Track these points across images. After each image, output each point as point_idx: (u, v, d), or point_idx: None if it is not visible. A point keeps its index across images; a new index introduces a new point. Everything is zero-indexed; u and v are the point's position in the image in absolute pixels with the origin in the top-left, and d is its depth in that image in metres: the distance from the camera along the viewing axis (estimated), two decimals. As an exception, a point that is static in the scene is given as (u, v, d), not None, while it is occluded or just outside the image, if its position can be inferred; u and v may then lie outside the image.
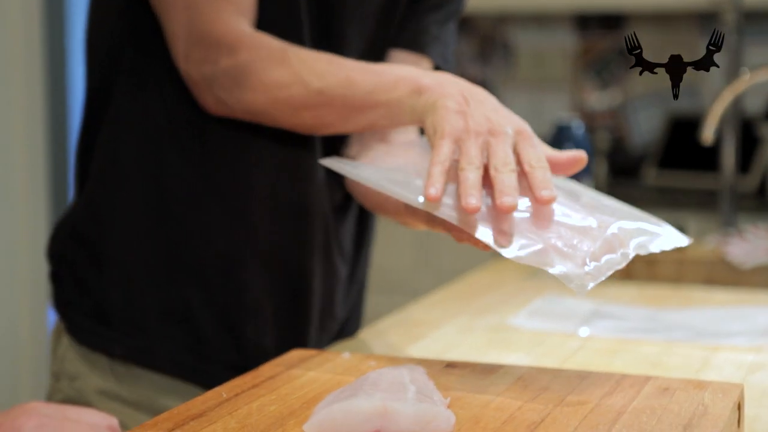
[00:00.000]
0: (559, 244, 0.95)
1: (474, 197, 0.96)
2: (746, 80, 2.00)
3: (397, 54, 1.29)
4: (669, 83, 0.98)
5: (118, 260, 1.22)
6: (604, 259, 0.96)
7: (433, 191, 0.97)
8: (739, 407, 0.94)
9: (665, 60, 0.98)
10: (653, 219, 1.06)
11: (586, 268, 0.94)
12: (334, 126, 1.13)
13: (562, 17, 3.70)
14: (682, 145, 3.39)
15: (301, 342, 1.24)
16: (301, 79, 1.10)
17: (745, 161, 3.04)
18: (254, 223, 1.21)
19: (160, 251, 1.21)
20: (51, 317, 1.34)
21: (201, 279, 1.21)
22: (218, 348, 1.22)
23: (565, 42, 3.72)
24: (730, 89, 2.02)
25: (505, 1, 3.54)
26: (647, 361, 1.18)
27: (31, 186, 3.03)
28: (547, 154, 1.03)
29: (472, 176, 0.97)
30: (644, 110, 3.63)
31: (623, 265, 0.97)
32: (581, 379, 0.98)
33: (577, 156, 1.05)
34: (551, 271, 0.94)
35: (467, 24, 3.79)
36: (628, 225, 1.01)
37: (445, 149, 1.00)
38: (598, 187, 3.33)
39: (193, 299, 1.21)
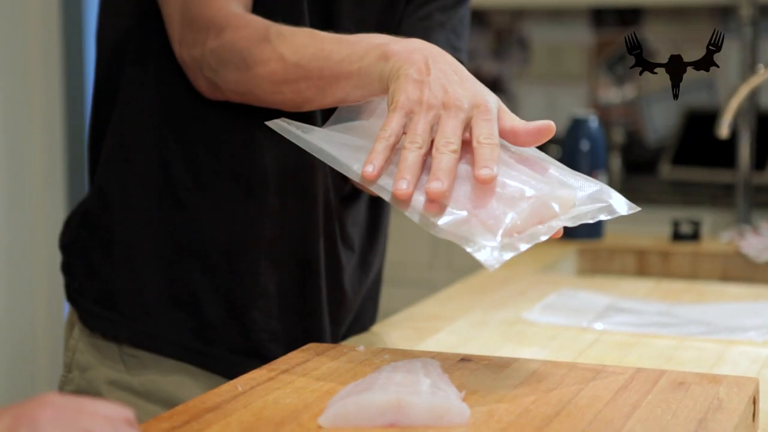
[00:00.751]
0: (483, 215, 0.92)
1: (405, 181, 0.92)
2: (762, 75, 2.00)
3: None
4: (685, 78, 0.98)
5: (125, 245, 1.23)
6: (528, 231, 0.92)
7: (370, 169, 0.94)
8: (754, 401, 0.94)
9: (682, 54, 0.98)
10: (605, 188, 1.00)
11: (503, 240, 0.91)
12: (314, 100, 1.11)
13: (578, 12, 3.69)
14: (698, 139, 3.38)
15: (310, 327, 1.25)
16: (280, 54, 1.10)
17: (760, 156, 3.03)
18: (259, 209, 1.22)
19: (166, 236, 1.22)
20: (66, 310, 1.36)
21: (206, 264, 1.22)
22: (225, 332, 1.23)
23: (580, 37, 3.71)
24: (746, 84, 2.02)
25: (520, -4, 3.53)
26: (662, 356, 1.18)
27: (48, 179, 3.05)
28: (512, 125, 0.98)
29: (411, 156, 0.94)
30: (659, 105, 3.62)
31: (548, 236, 0.93)
32: (596, 373, 0.98)
33: (543, 125, 0.99)
34: (465, 247, 0.90)
35: (483, 19, 3.78)
36: (567, 194, 0.95)
37: (393, 123, 0.97)
38: (613, 182, 3.34)
39: (199, 284, 1.22)
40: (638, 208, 0.98)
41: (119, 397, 1.22)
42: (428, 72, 0.99)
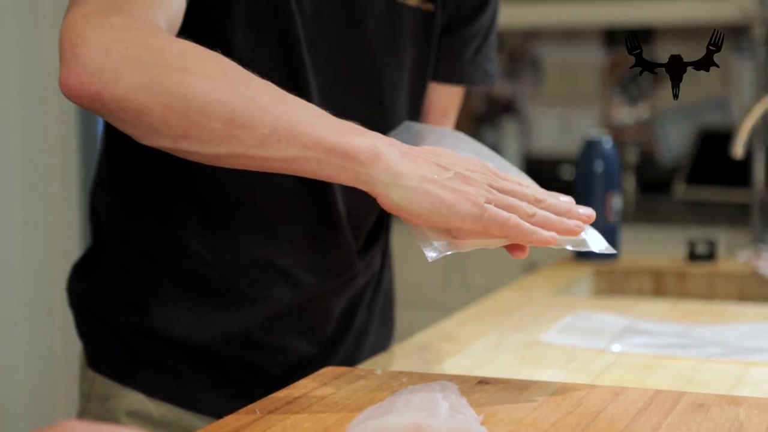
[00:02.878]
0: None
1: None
2: (777, 94, 1.99)
3: (435, 86, 1.32)
4: (698, 97, 0.98)
5: (137, 294, 1.24)
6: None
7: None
8: (775, 423, 0.93)
9: (695, 77, 0.99)
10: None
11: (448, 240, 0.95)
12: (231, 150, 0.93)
13: (590, 32, 3.69)
14: (712, 159, 3.38)
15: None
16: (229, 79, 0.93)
17: (776, 175, 3.02)
18: (273, 272, 1.22)
19: (179, 285, 1.22)
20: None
21: (218, 314, 1.22)
22: (242, 384, 1.24)
23: (593, 57, 3.72)
24: (760, 103, 2.01)
25: (533, 17, 3.54)
26: (681, 377, 1.17)
27: (64, 202, 3.06)
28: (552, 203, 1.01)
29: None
30: (673, 124, 3.62)
31: (488, 246, 0.97)
32: (615, 395, 0.97)
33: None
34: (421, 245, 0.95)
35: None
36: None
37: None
38: (628, 202, 3.33)
39: (213, 335, 1.23)
40: (614, 251, 1.02)
41: (139, 428, 1.22)
42: (441, 167, 0.95)
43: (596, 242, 1.01)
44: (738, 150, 2.01)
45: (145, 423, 1.22)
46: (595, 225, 1.03)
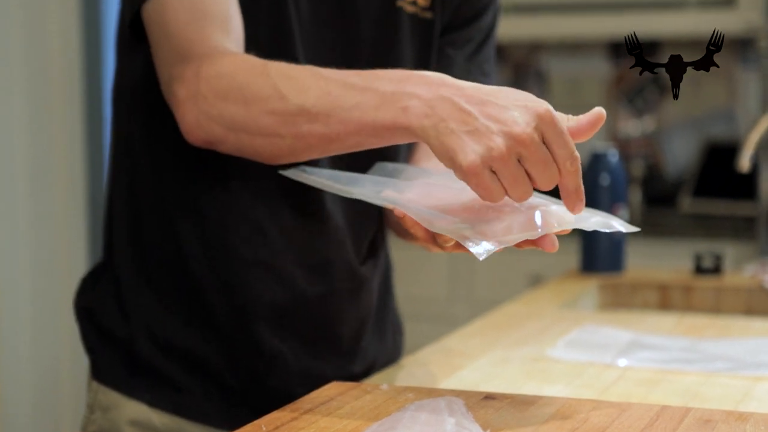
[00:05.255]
0: (479, 224, 0.96)
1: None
2: (783, 107, 1.99)
3: None
4: (704, 110, 0.98)
5: (140, 312, 1.24)
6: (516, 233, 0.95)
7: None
8: (782, 440, 0.93)
9: (700, 89, 0.99)
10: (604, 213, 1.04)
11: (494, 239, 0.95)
12: (315, 148, 1.04)
13: (595, 45, 3.70)
14: (718, 172, 3.38)
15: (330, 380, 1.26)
16: (281, 92, 1.02)
17: (782, 188, 3.02)
18: (272, 274, 1.22)
19: (181, 304, 1.23)
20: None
21: (218, 332, 1.23)
22: (245, 397, 1.24)
23: (598, 69, 3.72)
24: (766, 116, 2.01)
25: (538, 30, 3.54)
26: (687, 393, 1.17)
27: (71, 213, 3.06)
28: (568, 128, 0.94)
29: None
30: (679, 137, 3.62)
31: (533, 236, 0.96)
32: (621, 410, 0.97)
33: (594, 117, 0.94)
34: (464, 243, 0.94)
35: (501, 53, 3.79)
36: (562, 209, 0.98)
37: (490, 185, 0.92)
38: (634, 215, 3.33)
39: (215, 347, 1.23)
40: (637, 229, 0.99)
41: None
42: (469, 115, 0.92)
43: (619, 223, 1.00)
44: (744, 163, 2.00)
45: None
46: (601, 240, 1.03)
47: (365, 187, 1.04)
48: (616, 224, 1.00)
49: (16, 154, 2.91)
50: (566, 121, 0.94)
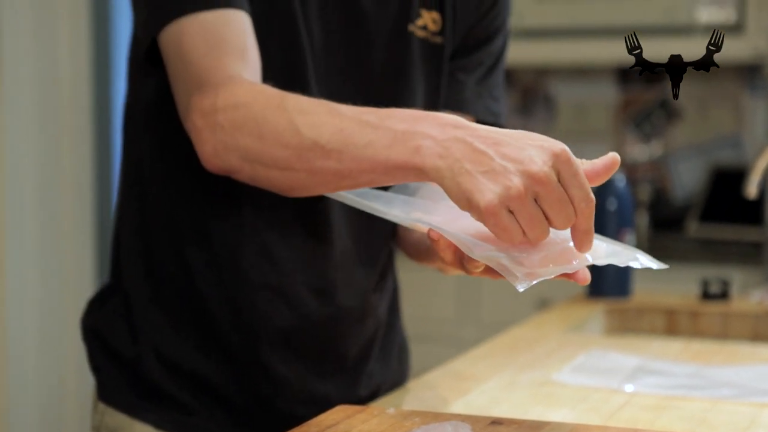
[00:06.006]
0: (517, 255, 0.94)
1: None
2: (790, 134, 2.00)
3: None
4: (711, 135, 0.98)
5: (148, 334, 1.25)
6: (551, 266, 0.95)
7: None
8: (789, 467, 0.93)
9: (708, 115, 0.99)
10: (632, 248, 1.04)
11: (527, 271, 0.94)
12: (328, 184, 1.04)
13: (603, 70, 3.71)
14: (725, 197, 3.38)
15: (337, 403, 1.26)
16: (296, 127, 1.02)
17: (789, 214, 3.02)
18: (280, 298, 1.23)
19: (189, 325, 1.23)
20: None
21: (226, 354, 1.23)
22: (251, 418, 1.24)
23: (606, 94, 3.73)
24: (773, 143, 2.02)
25: (546, 54, 3.55)
26: (694, 419, 1.17)
27: (79, 231, 3.07)
28: (585, 169, 0.94)
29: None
30: (686, 162, 3.62)
31: (574, 269, 0.96)
32: (628, 437, 0.97)
33: (609, 162, 0.95)
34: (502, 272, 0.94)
35: (509, 77, 3.81)
36: (596, 243, 0.97)
37: (508, 226, 0.91)
38: (640, 240, 3.34)
39: (222, 370, 1.23)
40: (666, 266, 0.99)
41: None
42: (484, 155, 0.92)
43: (648, 260, 1.02)
44: (751, 190, 2.01)
45: None
46: (608, 264, 1.03)
47: (397, 208, 1.03)
48: (647, 261, 1.01)
49: (25, 170, 2.92)
50: (581, 163, 0.94)
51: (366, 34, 1.22)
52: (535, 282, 0.93)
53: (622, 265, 0.99)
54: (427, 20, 1.26)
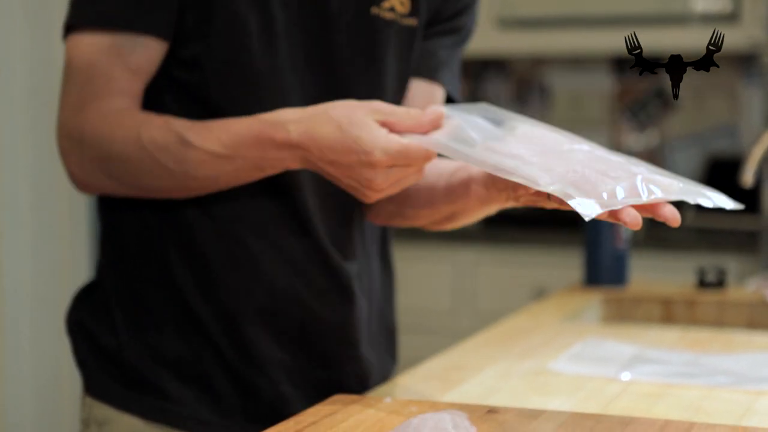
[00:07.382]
0: (588, 187, 0.97)
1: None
2: (786, 122, 2.00)
3: (413, 82, 1.31)
4: (707, 125, 0.99)
5: (129, 325, 1.25)
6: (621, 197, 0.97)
7: None
8: (785, 454, 0.93)
9: (703, 104, 0.99)
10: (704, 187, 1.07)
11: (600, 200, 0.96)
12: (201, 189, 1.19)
13: (599, 59, 3.71)
14: (721, 186, 3.36)
15: (324, 385, 1.26)
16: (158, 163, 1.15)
17: (785, 203, 3.03)
18: (255, 278, 1.23)
19: (170, 310, 1.24)
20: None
21: (209, 341, 1.23)
22: (236, 402, 1.24)
23: (602, 83, 3.73)
24: (769, 131, 2.02)
25: (542, 44, 3.55)
26: (690, 407, 1.17)
27: (73, 227, 3.07)
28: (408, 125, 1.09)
29: None
30: (682, 151, 3.62)
31: (645, 201, 0.98)
32: (624, 425, 0.98)
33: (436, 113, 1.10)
34: (569, 201, 0.96)
35: (504, 66, 3.81)
36: (668, 180, 1.02)
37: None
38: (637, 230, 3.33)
39: (204, 356, 1.23)
40: (741, 206, 1.02)
41: None
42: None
43: (721, 198, 1.05)
44: (747, 179, 2.01)
45: None
46: (605, 253, 1.03)
47: (476, 147, 1.08)
48: (720, 200, 1.03)
49: (20, 168, 2.91)
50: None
51: (326, 15, 1.22)
52: (601, 211, 0.94)
53: (692, 202, 1.01)
54: (395, 2, 1.26)
